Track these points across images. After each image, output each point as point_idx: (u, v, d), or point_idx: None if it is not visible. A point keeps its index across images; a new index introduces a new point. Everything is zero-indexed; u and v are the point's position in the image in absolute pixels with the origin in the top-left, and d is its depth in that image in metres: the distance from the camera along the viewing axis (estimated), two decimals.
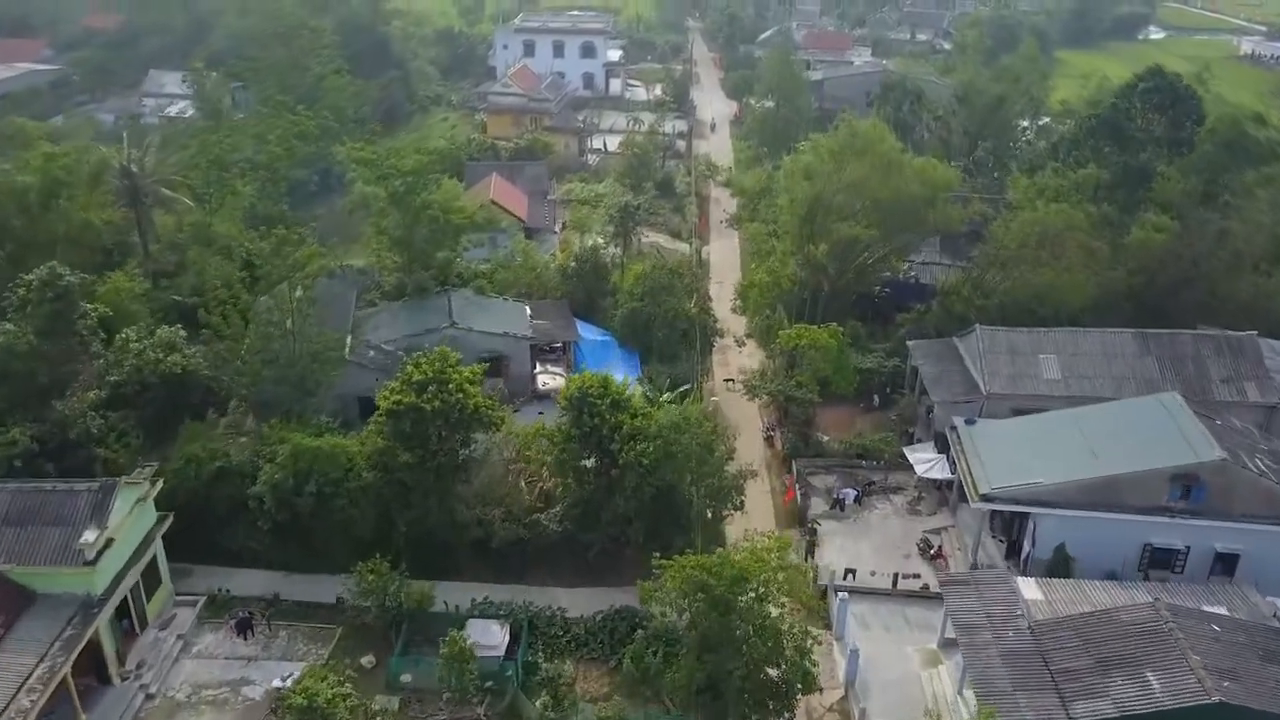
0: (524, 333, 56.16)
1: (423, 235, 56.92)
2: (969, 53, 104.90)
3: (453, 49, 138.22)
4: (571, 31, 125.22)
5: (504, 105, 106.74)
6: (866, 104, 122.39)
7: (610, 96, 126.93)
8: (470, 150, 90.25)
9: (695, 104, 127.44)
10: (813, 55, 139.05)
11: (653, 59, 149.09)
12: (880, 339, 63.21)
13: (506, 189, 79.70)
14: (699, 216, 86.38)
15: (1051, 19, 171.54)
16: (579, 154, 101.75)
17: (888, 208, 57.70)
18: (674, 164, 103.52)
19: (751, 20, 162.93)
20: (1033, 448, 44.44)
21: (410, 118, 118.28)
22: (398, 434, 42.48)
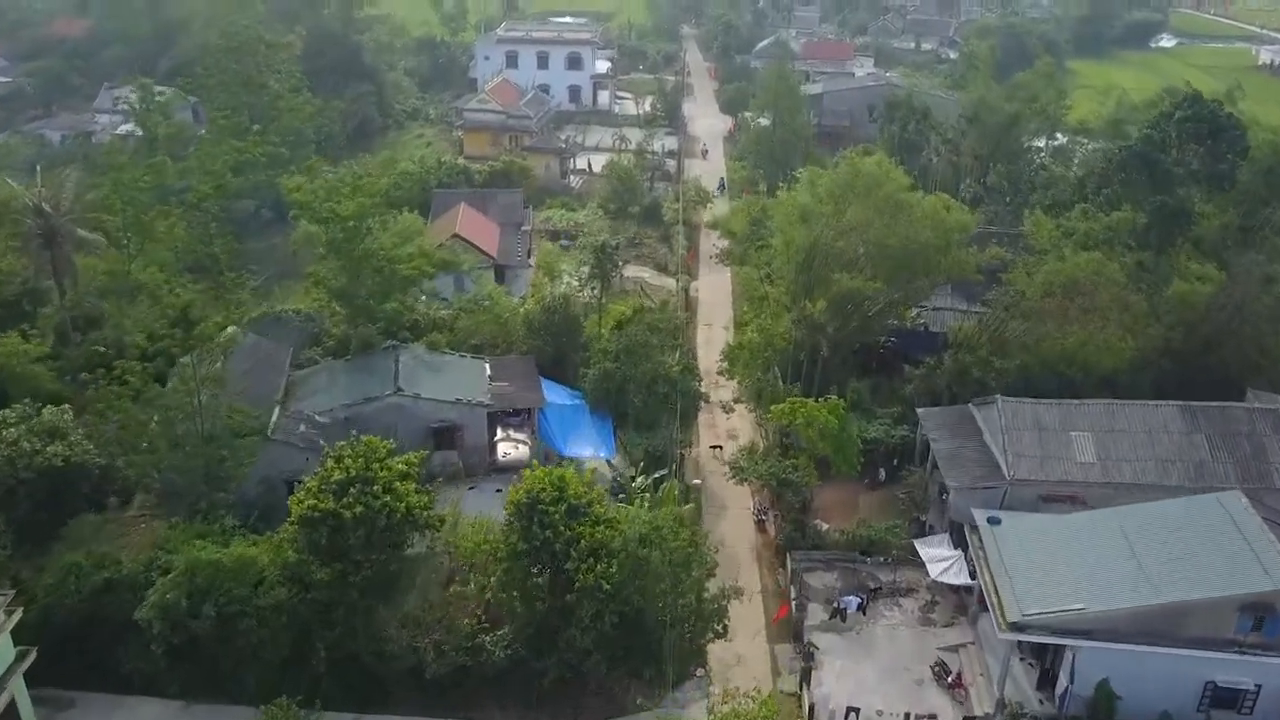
0: (480, 399, 49.23)
1: (366, 288, 49.94)
2: (980, 68, 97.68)
3: (433, 59, 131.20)
4: (557, 42, 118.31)
5: (481, 122, 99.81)
6: (869, 119, 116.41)
7: (598, 110, 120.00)
8: (440, 174, 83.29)
9: (687, 118, 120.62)
10: (812, 66, 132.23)
11: (644, 69, 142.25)
12: (885, 396, 56.26)
13: (476, 221, 72.78)
14: (687, 248, 79.45)
15: (1061, 26, 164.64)
16: (560, 175, 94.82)
17: (894, 255, 50.79)
18: (663, 187, 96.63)
19: (749, 28, 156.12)
20: (1069, 558, 37.51)
21: (385, 133, 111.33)
22: (312, 546, 35.59)
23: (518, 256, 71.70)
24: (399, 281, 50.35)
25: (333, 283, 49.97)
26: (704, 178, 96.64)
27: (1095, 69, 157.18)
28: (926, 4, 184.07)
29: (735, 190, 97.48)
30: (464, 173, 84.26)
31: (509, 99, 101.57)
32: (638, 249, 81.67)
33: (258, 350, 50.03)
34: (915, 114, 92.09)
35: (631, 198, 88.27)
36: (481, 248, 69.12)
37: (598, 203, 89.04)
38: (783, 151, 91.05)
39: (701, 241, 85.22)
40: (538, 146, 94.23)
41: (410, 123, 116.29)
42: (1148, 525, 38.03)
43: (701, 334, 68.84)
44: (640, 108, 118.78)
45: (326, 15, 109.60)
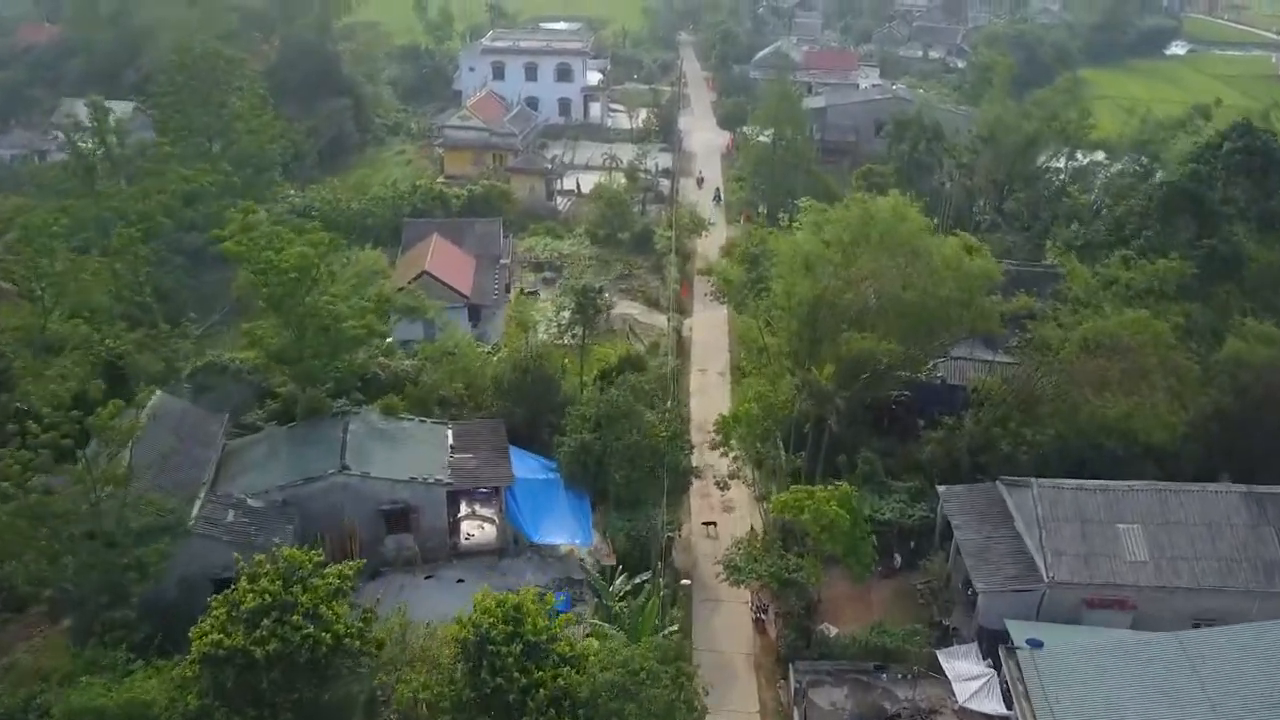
0: (439, 477, 43.11)
1: (309, 347, 43.80)
2: (996, 83, 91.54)
3: (417, 68, 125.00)
4: (546, 52, 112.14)
5: (463, 140, 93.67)
6: (875, 135, 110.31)
7: (589, 124, 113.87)
8: (414, 200, 77.14)
9: (683, 133, 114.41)
10: (814, 76, 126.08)
11: (639, 79, 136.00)
12: (900, 461, 50.25)
13: (449, 254, 66.69)
14: (680, 282, 73.25)
15: (1073, 34, 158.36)
16: (546, 197, 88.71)
17: (911, 309, 44.64)
18: (656, 210, 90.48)
19: (748, 35, 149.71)
20: (1128, 694, 31.38)
21: (363, 150, 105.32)
22: (218, 689, 29.48)
23: (494, 294, 65.56)
24: (346, 341, 44.13)
25: (270, 342, 43.77)
26: (700, 204, 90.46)
27: (1109, 78, 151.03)
28: (933, 10, 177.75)
29: (733, 212, 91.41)
30: (439, 198, 78.11)
31: (492, 115, 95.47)
32: (627, 281, 75.65)
33: (185, 421, 43.88)
34: (926, 133, 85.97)
35: (621, 223, 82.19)
36: (453, 286, 63.03)
37: (585, 228, 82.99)
38: (784, 173, 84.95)
39: (697, 266, 79.09)
40: (522, 167, 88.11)
41: (391, 138, 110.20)
42: (1217, 653, 31.93)
43: (695, 379, 62.73)
44: (634, 121, 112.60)
45: (301, 25, 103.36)
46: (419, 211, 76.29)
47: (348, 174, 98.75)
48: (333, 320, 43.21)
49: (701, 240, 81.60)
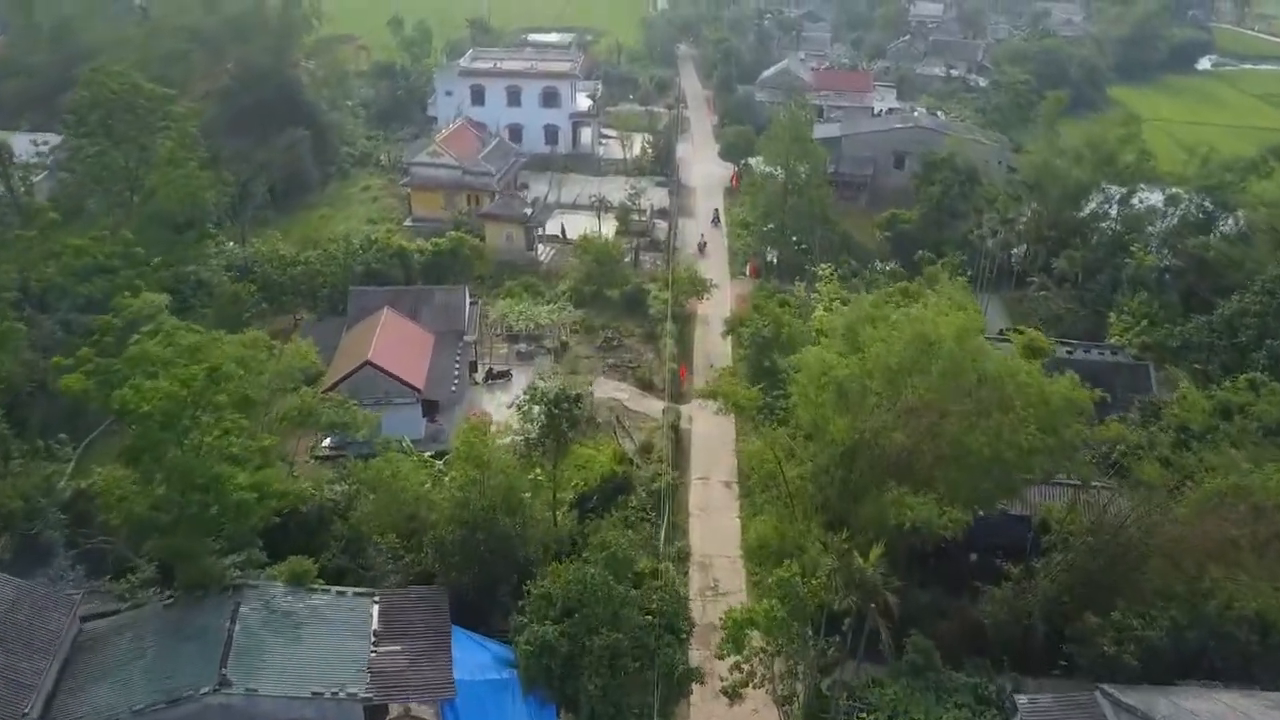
0: (352, 690, 32.25)
1: (183, 514, 32.90)
2: (1043, 123, 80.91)
3: (392, 89, 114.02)
4: (530, 75, 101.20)
5: (432, 179, 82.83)
6: (894, 166, 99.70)
7: (578, 154, 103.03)
8: (369, 257, 66.21)
9: (682, 162, 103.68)
10: (825, 99, 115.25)
11: (634, 99, 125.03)
12: (950, 623, 39.64)
13: (401, 334, 55.87)
14: (678, 363, 62.34)
15: (1100, 48, 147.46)
16: (526, 247, 77.86)
17: (981, 458, 33.85)
18: (651, 260, 79.66)
19: (752, 50, 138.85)
20: None
21: (325, 185, 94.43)
22: None
23: (454, 383, 54.68)
24: (233, 510, 33.14)
25: (133, 505, 32.87)
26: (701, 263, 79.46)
27: (1142, 97, 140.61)
28: (948, 22, 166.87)
29: (738, 261, 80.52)
30: (399, 256, 67.13)
31: (467, 149, 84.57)
32: (615, 352, 64.92)
33: (16, 612, 32.98)
34: (959, 176, 75.23)
35: (610, 279, 71.41)
36: (403, 379, 52.20)
37: (570, 285, 72.19)
38: (796, 220, 74.12)
39: (699, 339, 68.32)
40: (498, 213, 77.22)
41: (358, 170, 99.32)
42: None
43: (695, 492, 51.88)
44: (628, 150, 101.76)
45: (257, 47, 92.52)
46: (373, 273, 65.39)
47: (306, 214, 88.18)
48: (213, 482, 32.27)
49: (703, 302, 70.71)
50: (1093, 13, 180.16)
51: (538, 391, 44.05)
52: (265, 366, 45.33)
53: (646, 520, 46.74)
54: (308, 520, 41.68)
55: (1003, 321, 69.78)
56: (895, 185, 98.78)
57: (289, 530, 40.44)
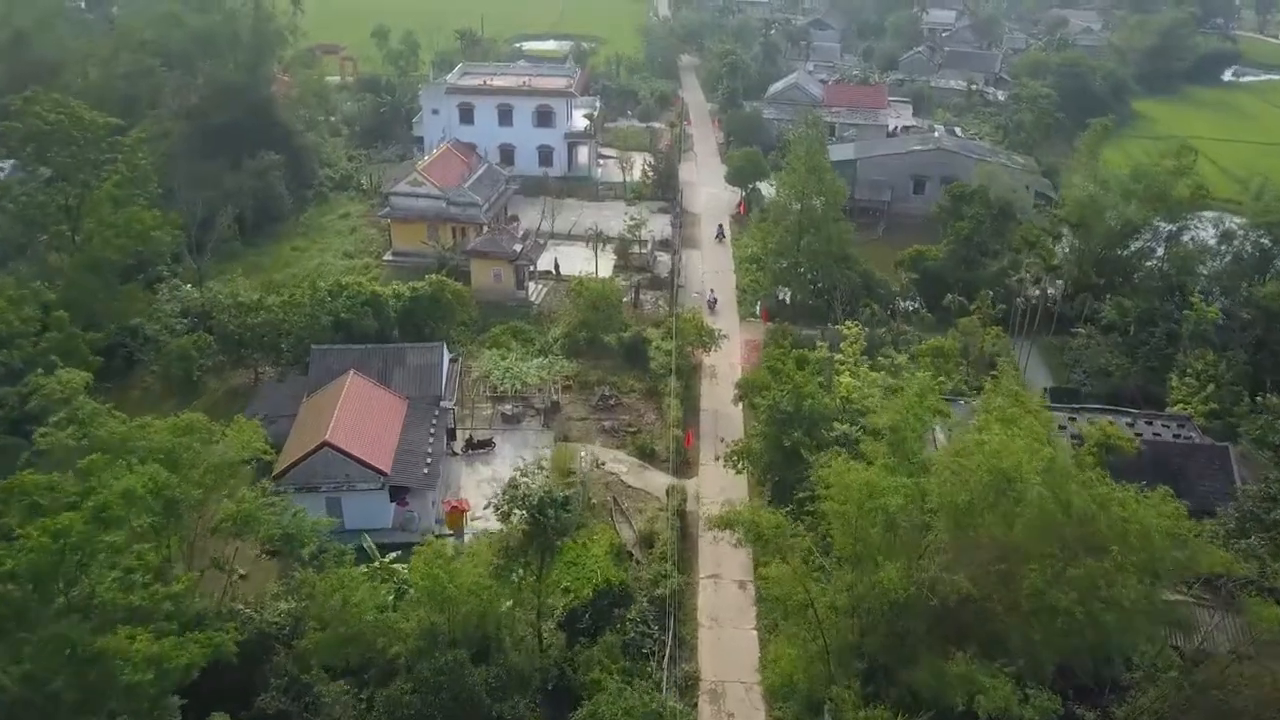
0: None
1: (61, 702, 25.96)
2: (1083, 151, 74.00)
3: (376, 105, 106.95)
4: (523, 93, 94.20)
5: (413, 210, 75.93)
6: (913, 192, 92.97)
7: (574, 177, 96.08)
8: (339, 306, 59.20)
9: (686, 185, 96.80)
10: (837, 116, 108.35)
11: (634, 115, 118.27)
12: None
13: (367, 406, 48.95)
14: (685, 429, 55.37)
15: (1123, 59, 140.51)
16: (516, 285, 70.98)
17: (1071, 618, 26.92)
18: (652, 299, 72.77)
19: (757, 61, 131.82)
20: None
21: (301, 211, 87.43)
22: None
23: (427, 462, 47.69)
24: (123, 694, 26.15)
25: None
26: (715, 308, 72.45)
27: (1169, 111, 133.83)
28: (962, 31, 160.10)
29: (748, 300, 73.57)
30: (372, 303, 60.11)
31: (451, 176, 77.62)
32: (612, 413, 58.01)
33: None
34: (991, 210, 68.29)
35: (608, 324, 64.53)
36: (367, 461, 45.30)
37: (563, 331, 65.36)
38: (813, 260, 67.15)
39: (705, 398, 61.41)
40: (484, 250, 70.28)
41: (337, 194, 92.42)
42: None
43: (704, 595, 44.92)
44: (627, 173, 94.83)
45: (228, 62, 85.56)
46: (342, 324, 58.41)
47: (278, 246, 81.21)
48: (97, 658, 25.36)
49: (711, 354, 63.77)
50: (1111, 21, 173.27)
51: (519, 492, 37.07)
52: (201, 458, 38.67)
53: (648, 636, 39.98)
54: (245, 649, 34.77)
55: (1041, 373, 62.95)
56: (915, 211, 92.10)
57: (219, 668, 33.55)
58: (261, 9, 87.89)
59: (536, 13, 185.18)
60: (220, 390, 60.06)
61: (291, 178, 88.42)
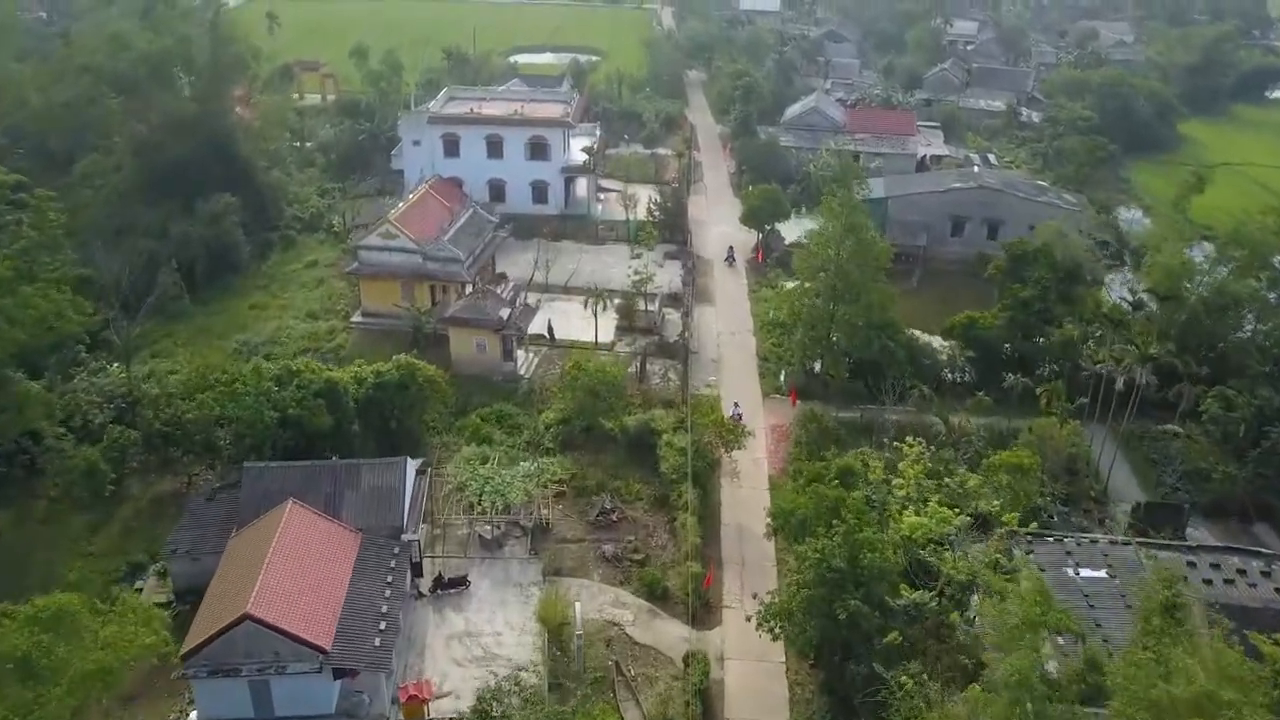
0: None
1: None
2: (1174, 214, 64.15)
3: (354, 132, 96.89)
4: (514, 123, 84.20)
5: (385, 266, 66.05)
6: (951, 234, 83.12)
7: (572, 215, 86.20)
8: (288, 398, 49.09)
9: (695, 224, 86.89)
10: (861, 143, 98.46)
11: (637, 140, 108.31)
12: None
13: (306, 551, 39.00)
14: (704, 563, 45.33)
15: (1164, 76, 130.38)
16: (503, 356, 61.09)
17: None
18: (661, 372, 62.82)
19: (772, 80, 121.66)
20: None
21: (265, 258, 77.49)
22: None
23: (378, 634, 37.55)
24: None
25: None
26: (727, 389, 62.47)
27: (1215, 133, 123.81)
28: (987, 44, 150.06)
29: (770, 370, 63.64)
30: (327, 393, 50.10)
31: (429, 226, 67.66)
32: (614, 531, 48.06)
33: None
34: (1058, 273, 58.34)
35: (610, 408, 54.60)
36: (302, 636, 35.30)
37: (557, 418, 55.48)
38: (850, 332, 57.14)
39: (725, 495, 51.50)
40: (465, 317, 60.35)
41: (307, 236, 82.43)
42: None
43: None
44: (631, 210, 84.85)
45: (180, 94, 75.70)
46: (291, 422, 48.42)
47: (235, 303, 71.22)
48: None
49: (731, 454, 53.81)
50: (1143, 33, 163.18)
51: None
52: (69, 663, 28.86)
53: None
54: None
55: (1126, 474, 52.96)
56: (952, 255, 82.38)
57: None
58: (220, 31, 77.90)
59: (533, 23, 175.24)
60: (145, 498, 50.22)
61: (254, 219, 78.60)
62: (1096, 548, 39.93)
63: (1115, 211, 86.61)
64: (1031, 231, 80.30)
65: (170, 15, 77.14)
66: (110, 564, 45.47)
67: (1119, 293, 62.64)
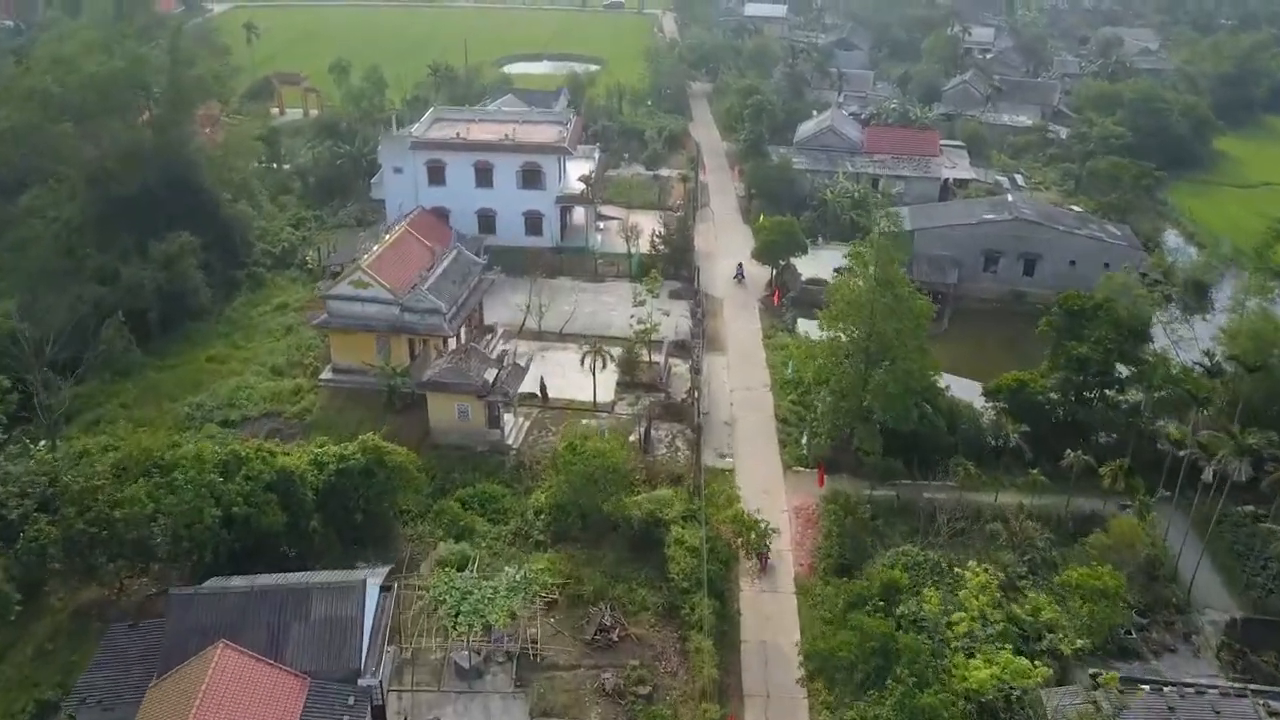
0: None
1: None
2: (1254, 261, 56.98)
3: (333, 155, 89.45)
4: (505, 149, 76.87)
5: (357, 318, 58.73)
6: (984, 269, 75.99)
7: (568, 248, 78.96)
8: (234, 490, 41.73)
9: (703, 255, 79.68)
10: (881, 166, 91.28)
11: (639, 161, 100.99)
12: None
13: (239, 704, 31.72)
14: (726, 708, 37.95)
15: (1194, 86, 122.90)
16: (488, 423, 53.84)
17: None
18: (667, 438, 55.56)
19: (783, 93, 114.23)
20: None
21: (229, 299, 70.34)
22: None
23: None
24: None
25: None
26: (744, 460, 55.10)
27: (1251, 149, 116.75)
28: (1007, 51, 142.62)
29: (790, 441, 56.21)
30: (280, 485, 42.83)
31: (408, 271, 60.34)
32: (614, 653, 40.77)
33: None
34: (1121, 332, 51.04)
35: (609, 490, 47.24)
36: None
37: (549, 500, 48.28)
38: (885, 402, 49.73)
39: (746, 601, 44.21)
40: (446, 381, 53.05)
41: (278, 274, 75.19)
42: None
43: None
44: (632, 242, 77.54)
45: (135, 122, 68.47)
46: (235, 520, 41.22)
47: (192, 354, 64.01)
48: None
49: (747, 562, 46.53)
50: (1169, 39, 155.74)
51: None
52: None
53: None
54: None
55: (1209, 571, 45.60)
56: (985, 293, 75.36)
57: None
58: (180, 52, 70.49)
59: (529, 30, 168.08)
60: (65, 611, 42.98)
61: (218, 257, 71.55)
62: (1205, 700, 32.64)
63: (1163, 243, 79.39)
64: (1073, 267, 73.90)
65: (124, 34, 69.54)
66: (14, 702, 38.19)
67: (1185, 352, 55.23)
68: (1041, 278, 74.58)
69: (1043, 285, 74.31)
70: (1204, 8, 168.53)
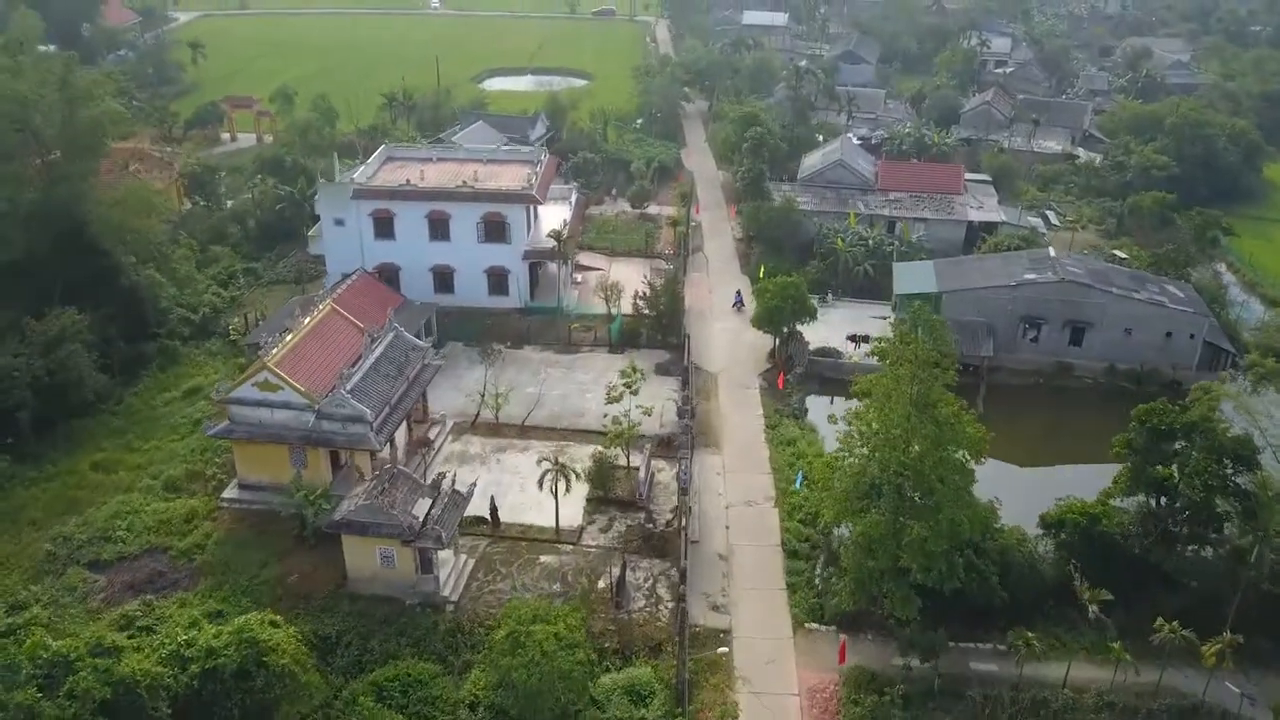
0: None
1: None
2: None
3: (274, 198, 78.23)
4: (463, 198, 65.72)
5: (264, 430, 47.52)
6: (1022, 335, 65.06)
7: (537, 309, 67.85)
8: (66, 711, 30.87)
9: (692, 316, 68.63)
10: (897, 207, 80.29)
11: (624, 196, 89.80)
12: None
13: None
14: None
15: (1238, 107, 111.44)
16: (420, 568, 42.70)
17: None
18: (648, 578, 44.45)
19: (782, 111, 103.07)
20: None
21: (131, 384, 59.18)
22: None
23: None
24: None
25: None
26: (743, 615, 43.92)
27: None
28: (1028, 65, 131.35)
29: (803, 589, 45.06)
30: (117, 709, 31.77)
31: (330, 365, 49.16)
32: None
33: None
34: (1213, 455, 40.01)
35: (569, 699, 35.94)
36: None
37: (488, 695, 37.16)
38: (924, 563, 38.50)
39: None
40: (364, 521, 41.87)
41: (196, 346, 64.12)
42: None
43: None
44: (613, 303, 66.54)
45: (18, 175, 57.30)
46: None
47: (69, 460, 52.74)
48: None
49: None
50: (1199, 50, 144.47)
51: None
52: None
53: None
54: None
55: None
56: (1024, 364, 64.41)
57: None
58: (73, 88, 59.13)
59: (515, 41, 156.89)
60: None
61: (121, 330, 60.49)
62: None
63: (1229, 305, 68.36)
64: (1128, 336, 62.97)
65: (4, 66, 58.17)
66: None
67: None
68: (1091, 347, 63.79)
69: (1092, 356, 63.93)
70: (1236, 15, 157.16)
